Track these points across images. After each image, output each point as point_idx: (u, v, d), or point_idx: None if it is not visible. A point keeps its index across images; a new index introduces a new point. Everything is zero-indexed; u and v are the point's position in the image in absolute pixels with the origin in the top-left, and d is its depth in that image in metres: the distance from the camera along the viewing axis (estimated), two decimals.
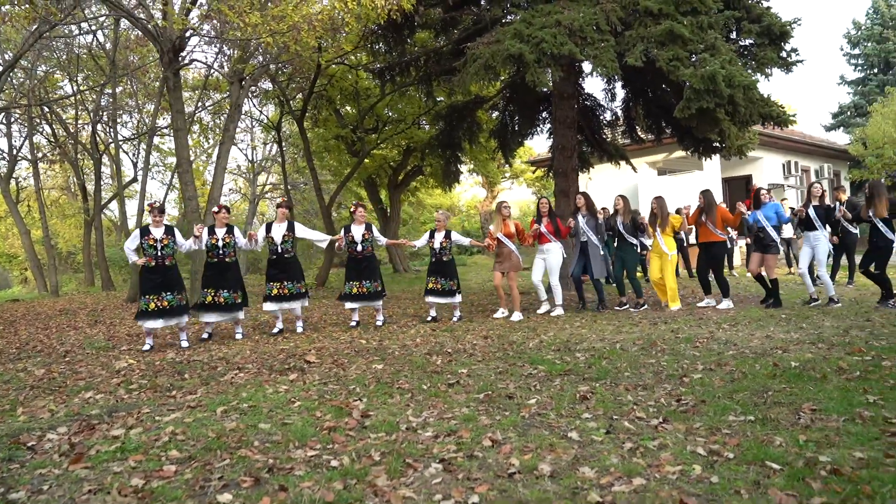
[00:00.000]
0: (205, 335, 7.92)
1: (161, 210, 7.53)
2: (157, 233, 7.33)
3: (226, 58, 13.66)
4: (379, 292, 8.57)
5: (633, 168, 14.29)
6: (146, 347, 7.31)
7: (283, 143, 21.47)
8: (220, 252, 7.77)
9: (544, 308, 9.08)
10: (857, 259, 9.12)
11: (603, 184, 18.63)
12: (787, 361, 4.97)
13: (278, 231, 8.15)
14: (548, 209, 8.98)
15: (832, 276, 10.62)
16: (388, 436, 3.61)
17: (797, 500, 2.53)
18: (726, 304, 8.63)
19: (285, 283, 8.10)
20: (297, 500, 2.74)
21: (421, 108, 16.77)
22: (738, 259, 15.70)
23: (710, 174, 17.55)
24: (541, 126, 13.59)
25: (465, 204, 38.27)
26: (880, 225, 7.91)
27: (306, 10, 9.13)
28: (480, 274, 19.69)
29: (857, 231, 10.60)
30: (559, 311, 8.85)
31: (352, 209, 8.68)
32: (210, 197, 11.16)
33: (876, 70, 31.21)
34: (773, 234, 8.40)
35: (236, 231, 7.93)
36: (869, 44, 31.18)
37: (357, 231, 8.46)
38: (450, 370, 5.33)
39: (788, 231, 12.31)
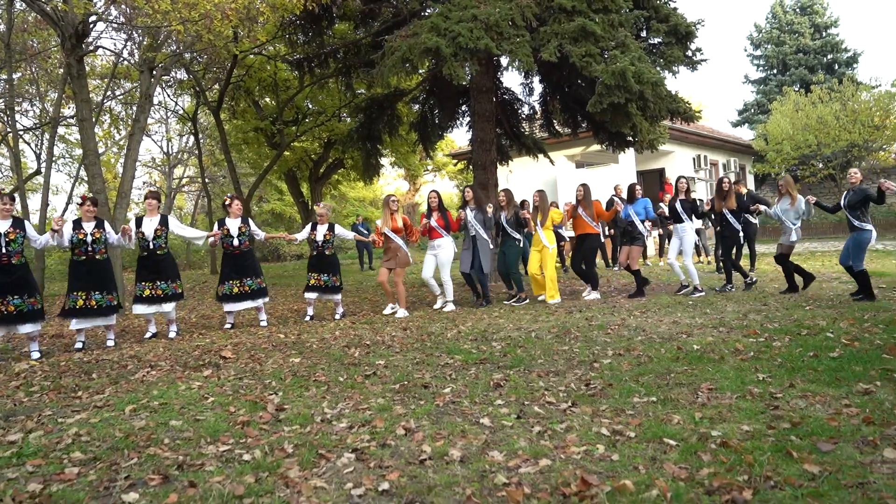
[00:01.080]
0: (78, 345, 6.96)
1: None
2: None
3: (135, 45, 13.07)
4: (263, 289, 8.10)
5: (551, 161, 14.62)
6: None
7: (200, 135, 20.83)
8: (89, 249, 6.94)
9: (439, 303, 9.01)
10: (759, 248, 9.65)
11: (523, 177, 18.96)
12: (690, 345, 5.24)
13: (149, 225, 7.37)
14: (437, 203, 8.83)
15: (752, 265, 11.35)
16: (303, 428, 3.61)
17: (688, 472, 2.69)
18: (594, 295, 8.93)
19: (158, 284, 7.34)
20: (207, 495, 2.71)
21: (341, 100, 16.60)
22: (651, 249, 16.32)
23: (626, 167, 18.16)
24: (461, 119, 13.71)
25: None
26: (729, 216, 8.75)
27: None
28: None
29: (756, 221, 11.29)
30: (451, 306, 8.72)
31: (226, 202, 8.13)
32: (120, 190, 10.69)
33: (775, 71, 33.09)
34: (641, 227, 8.87)
35: (107, 226, 7.18)
36: (769, 46, 33.05)
37: (233, 225, 7.94)
38: (367, 362, 5.34)
39: (698, 222, 12.90)
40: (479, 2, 8.88)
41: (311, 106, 18.50)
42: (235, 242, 7.89)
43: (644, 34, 10.53)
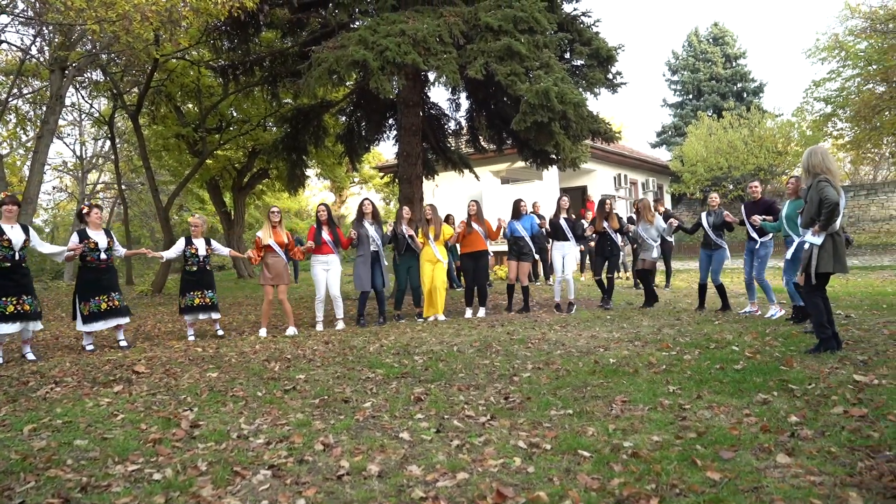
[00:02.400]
0: None
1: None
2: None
3: (45, 42, 12.46)
4: (126, 308, 7.48)
5: (476, 176, 14.81)
6: None
7: (117, 140, 20.03)
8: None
9: (331, 321, 8.69)
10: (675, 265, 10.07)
11: (449, 191, 19.14)
12: (607, 358, 5.40)
13: (15, 234, 6.55)
14: (327, 217, 8.42)
15: (667, 281, 11.86)
16: (218, 445, 3.51)
17: (600, 482, 2.77)
18: (482, 311, 9.09)
19: (24, 299, 6.54)
20: None
21: (267, 109, 16.34)
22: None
23: (549, 184, 18.60)
24: (387, 132, 13.72)
25: (313, 208, 37.68)
26: (612, 234, 9.28)
27: None
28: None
29: (672, 240, 11.83)
30: (341, 324, 8.41)
31: (83, 210, 7.41)
32: (26, 195, 10.15)
33: (691, 96, 34.75)
34: (530, 243, 9.15)
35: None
36: (685, 72, 34.71)
37: (99, 237, 7.22)
38: (287, 376, 5.25)
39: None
40: (408, 17, 8.95)
41: (235, 114, 18.12)
42: (103, 256, 7.21)
43: (567, 56, 10.85)
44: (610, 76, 10.77)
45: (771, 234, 7.51)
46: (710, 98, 33.16)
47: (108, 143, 21.60)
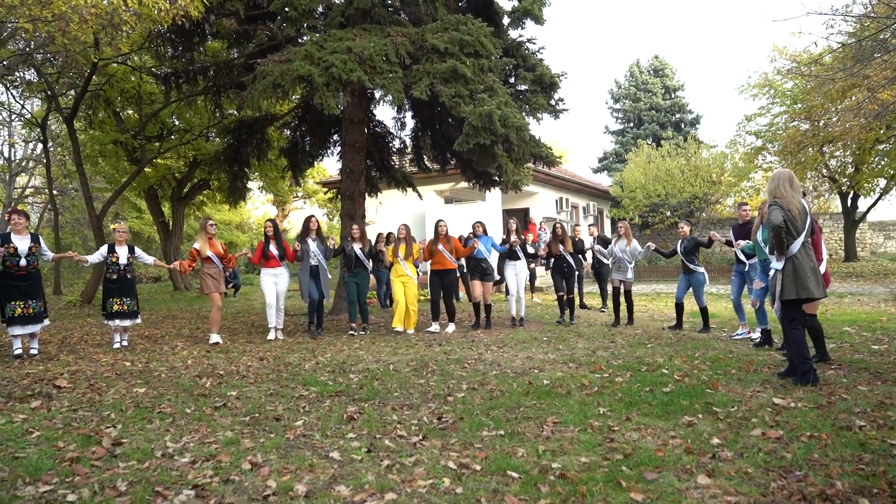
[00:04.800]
0: None
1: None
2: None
3: None
4: (42, 313, 7.37)
5: (420, 195, 14.87)
6: None
7: (50, 143, 19.29)
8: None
9: (272, 334, 8.72)
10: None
11: (392, 209, 19.12)
12: (541, 380, 5.46)
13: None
14: (273, 231, 8.72)
15: (603, 302, 12.17)
16: (140, 464, 3.41)
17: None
18: (451, 327, 9.25)
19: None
20: None
21: (209, 119, 16.04)
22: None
23: (492, 205, 18.79)
24: (332, 148, 13.66)
25: (255, 221, 37.05)
26: (567, 257, 9.66)
27: (77, 0, 8.26)
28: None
29: (609, 262, 12.09)
30: (279, 334, 8.70)
31: (6, 216, 7.43)
32: None
33: (632, 124, 35.88)
34: (492, 263, 9.51)
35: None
36: (627, 101, 35.87)
37: (21, 243, 7.12)
38: (218, 393, 5.13)
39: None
40: (355, 35, 8.97)
41: (177, 122, 17.73)
42: (23, 262, 7.10)
43: (512, 80, 11.05)
44: (553, 102, 11.02)
45: (755, 258, 7.69)
46: (649, 127, 34.28)
47: (40, 145, 20.78)
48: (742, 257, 7.76)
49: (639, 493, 2.87)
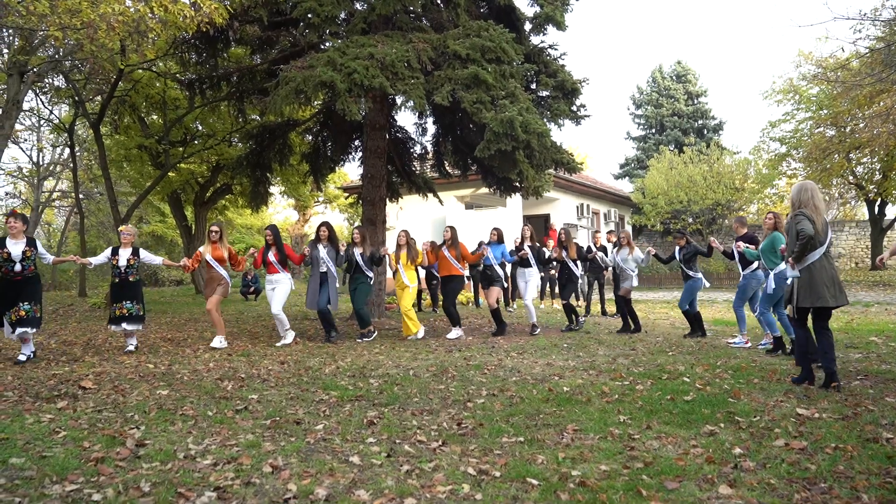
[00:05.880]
0: None
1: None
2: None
3: (4, 45, 12.19)
4: (38, 318, 7.20)
5: (440, 201, 14.90)
6: None
7: (77, 148, 19.61)
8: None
9: (289, 337, 8.69)
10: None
11: (413, 214, 19.19)
12: (561, 387, 5.44)
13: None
14: (273, 239, 8.65)
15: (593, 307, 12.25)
16: (163, 465, 3.44)
17: None
18: (456, 332, 9.20)
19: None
20: None
21: (232, 124, 16.21)
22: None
23: (513, 211, 18.80)
24: (353, 154, 13.75)
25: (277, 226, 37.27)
26: (570, 263, 9.68)
27: (105, 8, 8.40)
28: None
29: (606, 269, 12.41)
30: (288, 339, 8.61)
31: (5, 221, 7.53)
32: None
33: (654, 130, 35.66)
34: (499, 270, 9.38)
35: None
36: (649, 107, 35.66)
37: (15, 248, 7.01)
38: (239, 396, 5.17)
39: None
40: (377, 41, 9.03)
41: (200, 128, 17.93)
42: (17, 268, 6.98)
43: (533, 87, 11.06)
44: (574, 108, 10.99)
45: (756, 265, 7.63)
46: (672, 133, 34.03)
47: (67, 150, 21.14)
48: (740, 267, 7.81)
49: (659, 502, 2.85)
